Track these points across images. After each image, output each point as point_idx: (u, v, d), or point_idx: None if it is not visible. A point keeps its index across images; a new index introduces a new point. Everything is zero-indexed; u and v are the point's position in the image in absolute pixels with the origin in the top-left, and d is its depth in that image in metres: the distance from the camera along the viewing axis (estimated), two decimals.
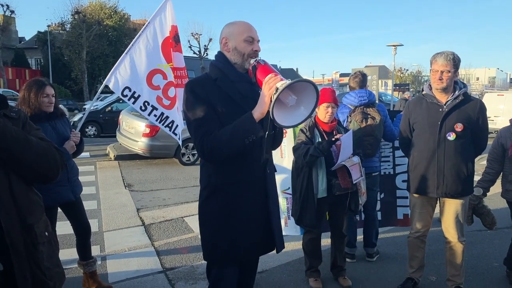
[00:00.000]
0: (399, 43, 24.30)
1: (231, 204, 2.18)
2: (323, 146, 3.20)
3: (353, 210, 3.48)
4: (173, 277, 3.79)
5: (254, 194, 2.20)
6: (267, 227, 2.25)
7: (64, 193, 3.20)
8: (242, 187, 2.18)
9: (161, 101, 4.25)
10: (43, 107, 3.12)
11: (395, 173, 4.44)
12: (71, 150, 3.20)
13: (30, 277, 1.67)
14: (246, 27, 2.15)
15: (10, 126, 1.60)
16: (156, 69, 4.15)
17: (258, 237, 2.24)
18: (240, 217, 2.19)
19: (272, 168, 2.34)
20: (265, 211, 2.24)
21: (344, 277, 3.63)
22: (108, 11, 34.69)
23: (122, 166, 9.22)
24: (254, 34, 2.14)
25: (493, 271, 3.91)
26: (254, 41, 2.14)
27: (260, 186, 2.23)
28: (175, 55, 4.20)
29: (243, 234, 2.19)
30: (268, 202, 2.25)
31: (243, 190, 2.18)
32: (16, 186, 1.65)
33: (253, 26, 2.18)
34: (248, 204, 2.19)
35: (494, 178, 3.76)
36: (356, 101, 3.86)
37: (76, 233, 3.44)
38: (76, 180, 3.36)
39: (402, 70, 55.62)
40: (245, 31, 2.13)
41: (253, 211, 2.20)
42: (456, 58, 3.06)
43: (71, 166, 3.31)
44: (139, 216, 5.73)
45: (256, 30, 2.18)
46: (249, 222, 2.20)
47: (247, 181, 2.18)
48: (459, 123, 3.08)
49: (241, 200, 2.18)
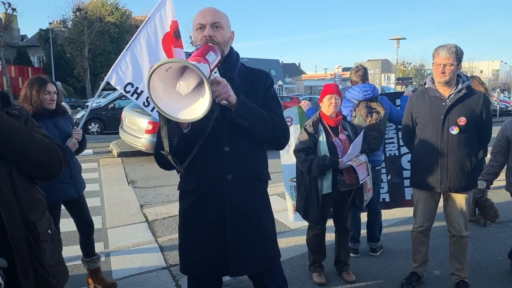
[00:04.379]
0: (401, 37, 24.19)
1: (185, 214, 2.03)
2: (325, 164, 3.20)
3: (357, 205, 3.47)
4: (177, 273, 3.79)
5: (207, 205, 1.95)
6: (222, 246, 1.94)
7: (67, 190, 3.21)
8: (194, 197, 1.97)
9: None
10: (45, 104, 3.12)
11: (400, 154, 4.48)
12: (73, 147, 3.20)
13: (33, 275, 1.67)
14: (198, 15, 1.96)
15: (14, 121, 1.61)
16: None
17: (210, 255, 1.96)
18: (190, 228, 2.01)
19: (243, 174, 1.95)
20: (222, 227, 1.93)
21: (347, 272, 3.63)
22: (109, 7, 34.66)
23: (125, 163, 9.24)
24: (203, 19, 1.91)
25: (498, 264, 3.90)
26: (204, 26, 1.91)
27: (216, 197, 1.93)
28: (176, 50, 4.18)
29: (192, 249, 2.00)
30: (224, 216, 1.93)
31: (196, 200, 1.97)
32: (18, 184, 1.65)
33: (211, 9, 1.96)
34: (199, 216, 1.97)
35: (498, 171, 3.75)
36: (361, 96, 3.85)
37: (79, 230, 3.45)
38: (79, 177, 3.37)
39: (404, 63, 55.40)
40: (196, 19, 1.95)
41: (204, 224, 1.96)
42: (459, 51, 3.03)
43: (74, 163, 3.32)
44: (143, 212, 5.74)
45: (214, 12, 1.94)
46: (198, 236, 1.98)
47: (199, 190, 1.95)
48: (462, 117, 3.05)
49: (193, 211, 1.99)
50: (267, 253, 2.05)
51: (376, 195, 4.12)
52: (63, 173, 3.13)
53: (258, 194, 2.04)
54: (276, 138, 2.00)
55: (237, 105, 1.82)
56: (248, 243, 1.97)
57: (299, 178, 3.51)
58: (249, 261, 1.98)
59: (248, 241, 1.97)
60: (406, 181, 4.44)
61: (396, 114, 4.08)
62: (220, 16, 1.97)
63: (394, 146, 4.48)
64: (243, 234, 1.96)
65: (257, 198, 2.03)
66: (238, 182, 1.94)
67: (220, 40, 1.92)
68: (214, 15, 1.94)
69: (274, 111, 2.00)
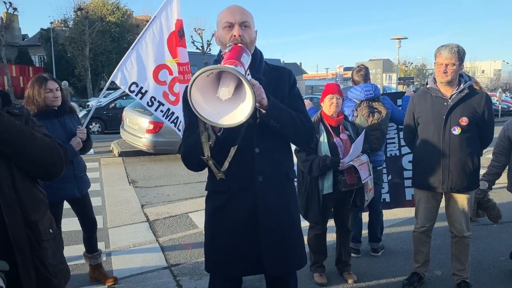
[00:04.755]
0: (403, 36, 24.20)
1: (215, 213, 2.02)
2: (326, 164, 3.20)
3: (358, 206, 3.47)
4: (178, 273, 3.79)
5: (238, 206, 1.95)
6: (255, 246, 1.95)
7: (70, 190, 3.23)
8: (224, 198, 1.97)
9: (167, 96, 4.23)
10: (48, 102, 3.13)
11: (401, 154, 4.48)
12: (77, 146, 3.21)
13: (35, 274, 1.67)
14: (225, 12, 1.92)
15: (15, 120, 1.61)
16: (163, 64, 4.12)
17: (241, 255, 1.97)
18: (219, 228, 2.01)
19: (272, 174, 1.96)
20: (254, 228, 1.94)
21: (349, 272, 3.62)
22: (110, 7, 34.62)
23: (126, 163, 9.24)
24: (232, 18, 1.88)
25: (499, 265, 3.89)
26: (233, 25, 1.88)
27: (247, 198, 1.94)
28: (180, 50, 4.16)
29: (222, 248, 2.00)
30: (256, 216, 1.93)
31: (225, 202, 1.97)
32: (20, 183, 1.66)
33: (238, 7, 1.92)
34: (229, 216, 1.97)
35: (500, 172, 3.74)
36: (363, 96, 3.85)
37: (83, 227, 3.50)
38: (83, 176, 3.38)
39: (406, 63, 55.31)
40: (224, 17, 1.91)
41: (235, 224, 1.96)
42: (461, 50, 3.02)
43: (78, 162, 3.33)
44: (144, 212, 5.74)
45: (242, 11, 1.91)
46: (228, 236, 1.98)
47: (229, 191, 1.95)
48: (464, 117, 3.05)
49: (223, 211, 1.98)
50: (300, 251, 2.07)
51: (378, 195, 4.12)
52: (66, 173, 3.17)
53: (288, 192, 2.06)
54: (304, 138, 2.01)
55: (269, 107, 1.79)
56: (282, 242, 1.98)
57: (300, 178, 3.51)
58: (285, 260, 2.00)
59: (283, 240, 1.98)
60: (407, 181, 4.44)
61: (397, 114, 4.08)
62: (248, 15, 1.94)
63: (395, 146, 4.48)
64: (277, 234, 1.97)
65: (287, 196, 2.05)
66: (268, 182, 1.95)
67: (248, 40, 1.89)
68: (242, 14, 1.91)
69: (300, 110, 2.00)
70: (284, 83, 2.02)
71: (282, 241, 1.99)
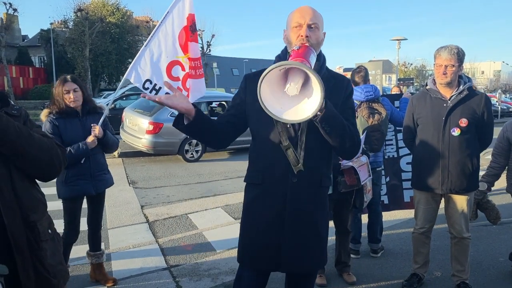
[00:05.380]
0: (403, 37, 24.18)
1: (248, 206, 2.09)
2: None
3: (358, 207, 3.47)
4: (178, 273, 3.79)
5: (269, 202, 2.00)
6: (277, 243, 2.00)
7: (84, 186, 3.29)
8: (258, 191, 2.04)
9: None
10: (66, 103, 3.21)
11: (399, 156, 4.49)
12: (91, 144, 3.23)
13: (34, 275, 1.67)
14: (296, 13, 1.97)
15: (13, 121, 1.61)
16: (175, 60, 4.07)
17: (267, 249, 2.02)
18: (251, 221, 2.07)
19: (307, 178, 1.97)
20: (280, 224, 1.99)
21: (348, 273, 3.62)
22: (110, 8, 34.64)
23: (126, 163, 9.25)
24: (302, 19, 1.92)
25: (499, 266, 3.89)
26: (302, 26, 1.92)
27: (278, 195, 1.99)
28: (191, 45, 4.05)
29: (250, 241, 2.07)
30: (283, 215, 1.98)
31: (258, 195, 2.04)
32: (19, 184, 1.66)
33: (309, 8, 1.96)
34: (260, 210, 2.03)
35: (499, 173, 3.74)
36: (363, 97, 3.85)
37: (88, 224, 3.55)
38: (100, 175, 3.42)
39: (406, 64, 55.42)
40: (295, 18, 1.96)
41: (263, 219, 2.02)
42: (461, 52, 3.02)
43: (96, 161, 3.36)
44: (143, 213, 5.74)
45: (312, 12, 1.94)
46: (257, 229, 2.04)
47: (263, 184, 2.02)
48: (463, 118, 3.05)
49: (255, 204, 2.05)
50: (318, 256, 2.09)
51: (377, 196, 4.12)
52: (82, 170, 3.25)
53: (318, 199, 2.05)
54: (350, 148, 1.98)
55: (326, 110, 1.79)
56: (301, 244, 2.01)
57: None
58: (301, 261, 2.02)
59: (302, 242, 2.01)
60: (405, 183, 4.44)
61: (396, 116, 4.09)
62: (317, 17, 1.96)
63: (392, 148, 4.48)
64: (299, 235, 2.00)
65: (316, 203, 2.04)
66: (302, 186, 1.97)
67: (314, 41, 1.92)
68: (312, 16, 1.93)
69: (351, 122, 2.00)
70: (340, 91, 2.02)
71: (302, 243, 2.01)
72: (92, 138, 3.23)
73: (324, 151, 2.01)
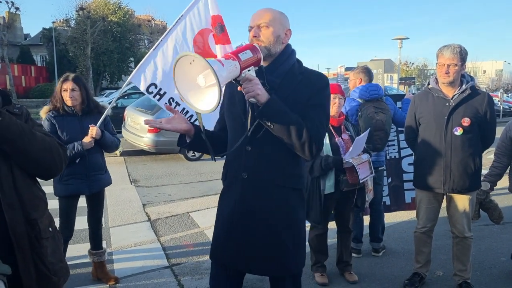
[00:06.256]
0: (404, 37, 24.18)
1: (218, 202, 2.13)
2: (328, 164, 3.20)
3: (359, 206, 3.47)
4: (179, 272, 3.80)
5: (227, 199, 2.04)
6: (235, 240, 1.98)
7: (78, 186, 3.27)
8: (223, 188, 2.10)
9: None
10: (64, 101, 3.22)
11: (401, 157, 4.48)
12: (88, 145, 3.22)
13: (35, 272, 1.68)
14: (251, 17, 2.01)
15: (16, 119, 1.62)
16: None
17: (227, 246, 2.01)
18: (216, 219, 2.11)
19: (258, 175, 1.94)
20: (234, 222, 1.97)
21: (350, 272, 3.62)
22: (112, 7, 34.63)
23: (128, 162, 9.27)
24: (252, 22, 1.97)
25: (501, 265, 3.88)
26: (252, 28, 1.96)
27: (233, 193, 2.00)
28: (218, 47, 3.93)
29: (214, 236, 2.11)
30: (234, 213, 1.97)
31: (223, 191, 2.10)
32: (20, 182, 1.67)
33: (260, 11, 2.00)
34: (221, 207, 2.09)
35: (501, 172, 3.73)
36: (367, 95, 3.85)
37: (88, 223, 3.56)
38: (96, 175, 3.38)
39: (407, 63, 55.26)
40: (250, 22, 2.01)
41: (223, 216, 2.04)
42: (463, 51, 3.02)
43: (93, 161, 3.33)
44: (145, 211, 5.75)
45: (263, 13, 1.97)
46: (220, 225, 2.07)
47: (225, 181, 2.08)
48: (466, 118, 3.04)
49: (220, 201, 2.11)
50: (279, 261, 1.97)
51: (379, 196, 4.12)
52: (77, 169, 3.22)
53: (275, 200, 1.95)
54: (299, 146, 1.87)
55: (264, 105, 1.80)
56: (256, 246, 1.94)
57: None
58: (258, 263, 1.97)
59: (257, 245, 1.94)
60: (406, 184, 4.43)
61: (399, 116, 4.08)
62: (268, 16, 1.95)
63: (394, 148, 4.47)
64: (252, 236, 1.94)
65: (272, 203, 1.94)
66: (253, 182, 1.94)
67: (265, 39, 1.92)
68: (261, 16, 1.96)
69: (312, 118, 1.89)
70: (306, 88, 1.94)
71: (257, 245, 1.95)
72: (88, 139, 3.21)
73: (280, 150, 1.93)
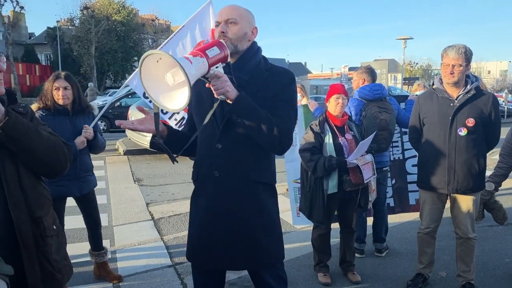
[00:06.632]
0: (408, 36, 24.09)
1: (190, 202, 2.13)
2: (332, 164, 3.19)
3: (363, 207, 3.46)
4: (182, 271, 3.80)
5: (200, 198, 2.05)
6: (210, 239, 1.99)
7: (70, 188, 3.23)
8: (195, 188, 2.10)
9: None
10: (55, 99, 3.16)
11: (405, 158, 4.46)
12: (80, 145, 3.19)
13: (39, 270, 1.69)
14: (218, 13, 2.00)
15: (22, 118, 1.63)
16: None
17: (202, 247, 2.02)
18: (190, 217, 2.12)
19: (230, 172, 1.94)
20: (209, 221, 1.99)
21: (353, 273, 3.62)
22: (116, 6, 34.71)
23: (131, 161, 9.28)
24: (220, 17, 1.94)
25: (504, 267, 3.87)
26: (219, 24, 1.94)
27: (205, 192, 2.01)
28: None
29: (190, 235, 2.11)
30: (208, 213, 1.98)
31: (195, 191, 2.11)
32: (25, 180, 1.68)
33: (227, 7, 1.97)
34: (194, 207, 2.09)
35: (506, 173, 3.71)
36: (371, 95, 3.84)
37: (87, 225, 3.53)
38: (85, 176, 3.35)
39: (411, 63, 55.06)
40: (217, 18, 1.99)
41: (197, 215, 2.06)
42: (468, 51, 3.00)
43: (82, 162, 3.30)
44: (149, 210, 5.76)
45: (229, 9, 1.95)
46: (193, 225, 2.09)
47: (197, 181, 2.08)
48: (470, 118, 3.02)
49: (192, 200, 2.11)
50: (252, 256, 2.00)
51: (383, 196, 4.11)
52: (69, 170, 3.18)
53: (248, 196, 1.96)
54: (270, 142, 1.90)
55: (234, 101, 1.81)
56: (231, 243, 1.97)
57: (303, 178, 3.50)
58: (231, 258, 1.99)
59: (232, 241, 1.97)
60: (410, 185, 4.41)
61: (403, 116, 4.07)
62: (236, 12, 1.95)
63: (398, 149, 4.45)
64: (227, 234, 1.97)
65: (245, 199, 1.96)
66: (225, 180, 1.94)
67: (232, 36, 1.91)
68: (228, 12, 1.94)
69: (279, 114, 1.90)
70: (272, 84, 1.94)
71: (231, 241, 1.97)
72: (82, 139, 3.19)
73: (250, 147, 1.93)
